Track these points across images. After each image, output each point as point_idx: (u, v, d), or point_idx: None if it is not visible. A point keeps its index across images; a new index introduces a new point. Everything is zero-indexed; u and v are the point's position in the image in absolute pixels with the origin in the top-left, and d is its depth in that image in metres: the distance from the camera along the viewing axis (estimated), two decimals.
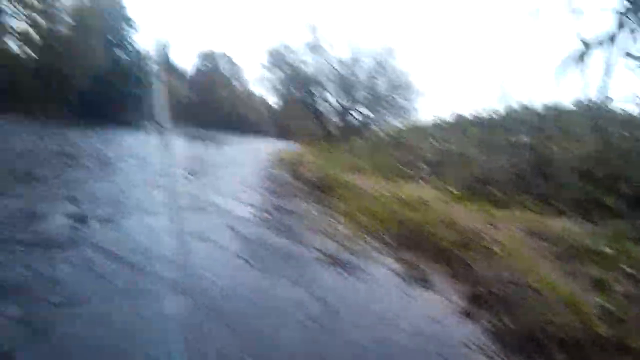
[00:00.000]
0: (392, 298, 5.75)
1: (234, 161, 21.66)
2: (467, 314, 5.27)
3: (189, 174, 14.20)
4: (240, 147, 35.25)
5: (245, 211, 9.76)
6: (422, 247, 7.65)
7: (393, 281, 6.38)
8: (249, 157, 25.89)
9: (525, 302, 5.19)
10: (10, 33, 35.08)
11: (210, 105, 67.82)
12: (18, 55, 36.98)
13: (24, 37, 36.51)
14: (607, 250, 6.87)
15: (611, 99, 12.76)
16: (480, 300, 5.57)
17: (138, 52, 51.09)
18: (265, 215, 10.03)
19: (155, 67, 59.34)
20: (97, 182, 10.82)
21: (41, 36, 37.65)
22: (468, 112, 21.47)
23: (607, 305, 5.03)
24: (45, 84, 35.65)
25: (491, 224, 8.34)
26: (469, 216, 8.93)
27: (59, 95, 36.68)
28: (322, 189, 13.97)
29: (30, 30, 36.55)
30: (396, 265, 7.06)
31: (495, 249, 6.88)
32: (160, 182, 11.21)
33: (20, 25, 35.74)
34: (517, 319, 4.91)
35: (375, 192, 11.75)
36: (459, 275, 6.46)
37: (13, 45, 36.36)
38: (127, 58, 48.94)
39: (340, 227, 9.17)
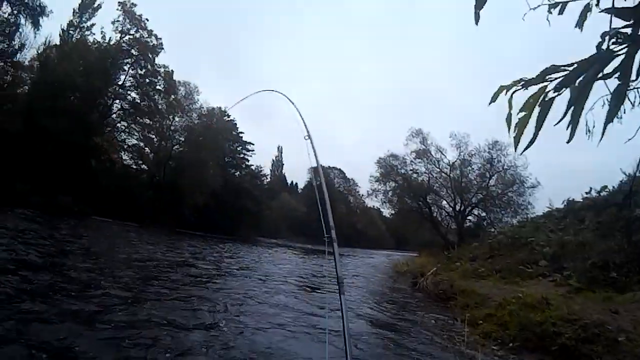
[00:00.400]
0: None
1: (355, 274, 21.88)
2: None
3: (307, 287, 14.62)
4: (360, 261, 35.36)
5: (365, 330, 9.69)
6: (546, 348, 7.56)
7: None
8: (369, 270, 26.02)
9: None
10: (125, 149, 38.56)
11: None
12: (133, 168, 40.70)
13: (137, 153, 40.16)
14: None
15: None
16: None
17: (253, 170, 54.71)
18: (386, 332, 10.10)
19: (268, 185, 62.79)
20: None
21: (154, 152, 41.42)
22: (580, 196, 20.95)
23: None
24: (160, 196, 38.12)
25: (614, 312, 8.15)
26: (591, 308, 8.74)
27: (174, 208, 38.81)
28: (442, 299, 14.07)
29: (142, 145, 40.12)
30: None
31: (621, 338, 6.76)
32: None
33: (133, 141, 39.43)
34: None
35: (496, 297, 11.69)
36: None
37: (128, 159, 39.88)
38: (241, 176, 52.75)
39: (460, 337, 9.23)
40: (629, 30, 1.86)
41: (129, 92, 36.82)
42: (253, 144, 55.90)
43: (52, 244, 13.99)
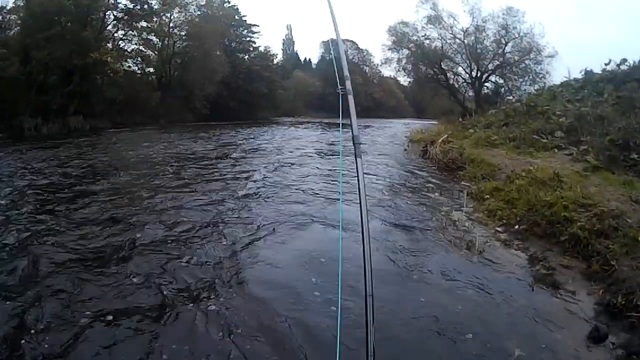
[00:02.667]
0: (507, 306, 4.96)
1: (368, 148, 21.14)
2: (598, 337, 4.27)
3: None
4: (376, 131, 34.58)
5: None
6: (555, 236, 6.67)
7: (513, 283, 5.63)
8: (383, 142, 25.20)
9: None
10: (127, 55, 37.75)
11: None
12: (138, 73, 40.56)
13: (140, 57, 39.47)
14: None
15: None
16: (619, 316, 4.56)
17: (261, 52, 53.56)
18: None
19: (280, 64, 61.51)
20: None
21: (157, 53, 41.04)
22: (600, 67, 19.70)
23: None
24: (170, 95, 38.68)
25: (635, 201, 7.17)
26: (609, 192, 7.79)
27: (186, 104, 39.74)
28: (450, 169, 13.40)
29: (143, 48, 39.42)
30: (521, 260, 6.31)
31: None
32: None
33: (133, 47, 38.70)
34: None
35: (506, 168, 10.87)
36: (596, 276, 5.48)
37: (132, 65, 39.41)
38: (250, 59, 51.83)
39: (463, 214, 8.47)
40: None
41: (119, 1, 34.83)
42: (258, 26, 56.42)
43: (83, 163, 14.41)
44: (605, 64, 18.96)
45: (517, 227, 7.43)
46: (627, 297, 4.66)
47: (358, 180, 2.49)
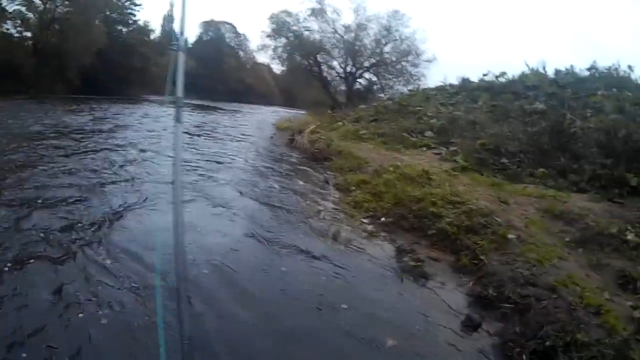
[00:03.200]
0: (377, 296, 4.72)
1: (234, 131, 20.38)
2: (472, 326, 4.19)
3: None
4: (244, 117, 33.82)
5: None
6: (423, 230, 6.54)
7: (381, 272, 5.37)
8: (250, 128, 24.47)
9: (544, 311, 4.14)
10: (7, 17, 34.50)
11: (217, 75, 66.04)
12: (16, 37, 36.69)
13: (20, 19, 35.97)
14: (632, 237, 5.80)
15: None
16: (490, 307, 4.51)
17: (140, 26, 50.36)
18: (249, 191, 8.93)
19: (157, 41, 58.69)
20: None
21: (37, 17, 37.16)
22: (476, 76, 20.40)
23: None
24: (45, 63, 35.04)
25: (503, 202, 7.29)
26: (477, 192, 7.86)
27: (59, 74, 36.21)
28: (317, 159, 12.94)
29: (24, 10, 35.89)
30: (388, 253, 6.03)
31: (510, 234, 5.81)
32: None
33: (14, 7, 35.16)
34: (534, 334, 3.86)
35: (374, 163, 10.72)
36: (465, 269, 5.38)
37: (10, 28, 35.89)
38: (128, 33, 48.40)
39: (329, 204, 8.19)
40: None
41: None
42: None
43: None
44: (484, 75, 19.61)
45: (383, 219, 7.20)
46: (498, 289, 4.64)
47: (176, 146, 2.41)
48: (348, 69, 41.63)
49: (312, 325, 3.95)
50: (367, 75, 42.19)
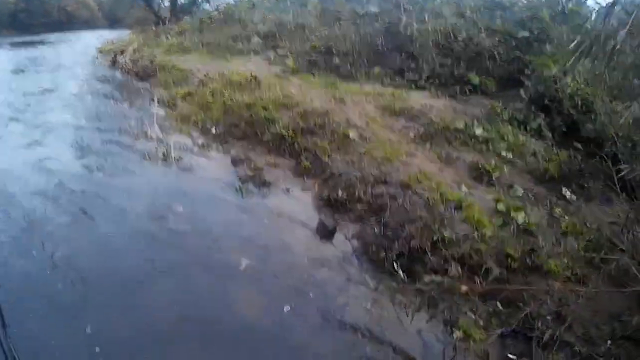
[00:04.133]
0: (220, 219, 4.09)
1: (55, 61, 17.84)
2: (326, 232, 3.74)
3: None
4: (68, 46, 30.19)
5: None
6: (258, 137, 5.85)
7: (219, 187, 4.73)
8: (73, 56, 21.83)
9: (402, 209, 3.71)
10: None
11: (37, 9, 58.68)
12: None
13: None
14: (481, 132, 5.64)
15: None
16: (343, 209, 4.06)
17: None
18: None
19: None
20: None
21: None
22: None
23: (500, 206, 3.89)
24: None
25: (340, 101, 6.72)
26: (311, 93, 7.20)
27: None
28: (142, 77, 11.59)
29: None
30: (224, 164, 5.36)
31: (351, 133, 5.28)
32: None
33: None
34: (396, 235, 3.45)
35: (199, 73, 9.65)
36: (308, 173, 4.82)
37: None
38: None
39: (155, 122, 7.04)
40: None
41: None
42: None
43: None
44: None
45: (214, 130, 6.39)
46: (347, 190, 4.19)
47: None
48: None
49: (160, 258, 3.41)
50: None
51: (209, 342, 2.67)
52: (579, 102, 6.03)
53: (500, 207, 3.78)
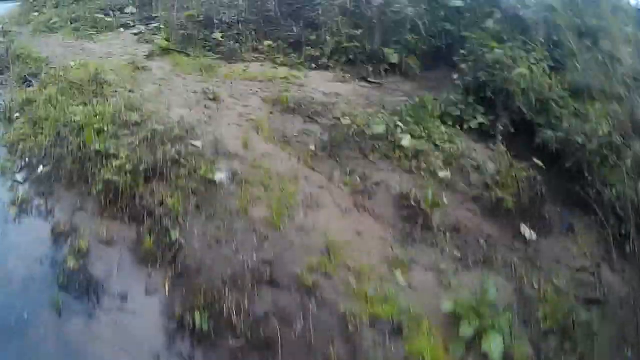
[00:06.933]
0: None
1: None
2: None
3: None
4: None
5: None
6: (89, 185, 3.87)
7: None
8: None
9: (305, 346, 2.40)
10: None
11: None
12: None
13: None
14: (409, 142, 4.49)
15: None
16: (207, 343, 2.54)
17: None
18: None
19: None
20: None
21: None
22: None
23: None
24: None
25: (214, 99, 5.31)
26: (177, 90, 5.68)
27: None
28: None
29: None
30: (39, 244, 3.42)
31: (218, 174, 3.78)
32: None
33: None
34: None
35: (56, 63, 7.35)
36: (152, 255, 3.11)
37: None
38: None
39: None
40: None
41: None
42: None
43: None
44: None
45: (41, 169, 4.34)
46: (212, 307, 2.72)
47: None
48: None
49: None
50: None
51: None
52: (534, 100, 4.85)
53: (465, 330, 2.31)
